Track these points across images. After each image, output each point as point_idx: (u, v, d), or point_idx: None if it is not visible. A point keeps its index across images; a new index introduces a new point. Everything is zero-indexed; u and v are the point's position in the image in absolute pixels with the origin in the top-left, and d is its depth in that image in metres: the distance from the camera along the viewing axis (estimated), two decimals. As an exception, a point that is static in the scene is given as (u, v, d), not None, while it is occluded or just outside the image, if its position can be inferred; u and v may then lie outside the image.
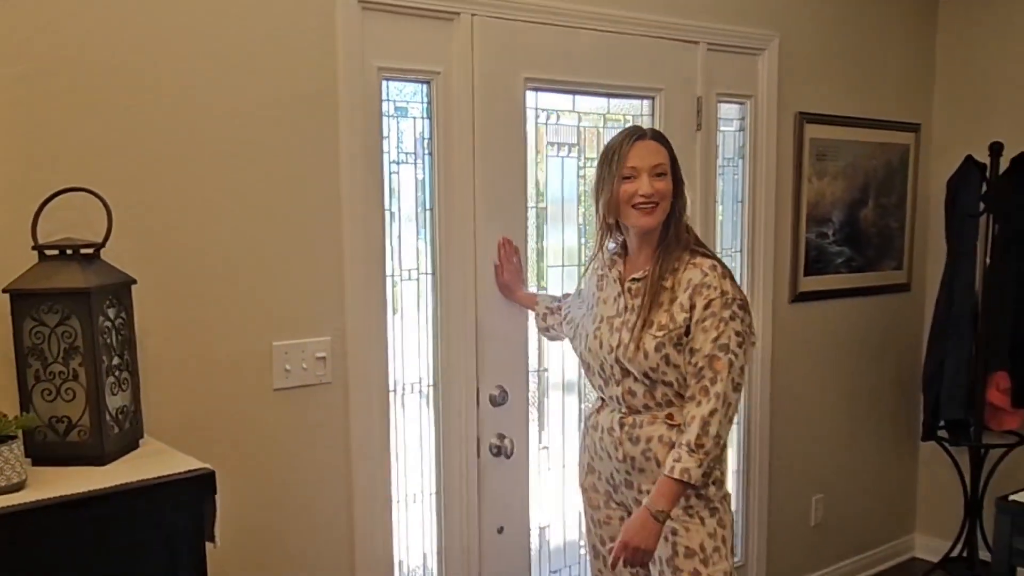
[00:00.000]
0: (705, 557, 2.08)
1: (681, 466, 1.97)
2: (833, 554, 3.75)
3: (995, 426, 3.62)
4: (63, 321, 1.68)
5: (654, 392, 2.12)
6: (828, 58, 3.47)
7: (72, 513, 1.51)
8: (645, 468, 2.13)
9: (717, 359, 2.02)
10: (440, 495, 2.60)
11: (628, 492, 2.19)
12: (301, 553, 2.32)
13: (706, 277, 2.07)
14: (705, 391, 2.01)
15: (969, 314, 3.54)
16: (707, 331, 2.03)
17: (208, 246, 2.13)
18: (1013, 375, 3.51)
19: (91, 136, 1.96)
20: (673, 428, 2.10)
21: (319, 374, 2.30)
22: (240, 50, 2.13)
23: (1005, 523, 2.92)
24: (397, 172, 2.48)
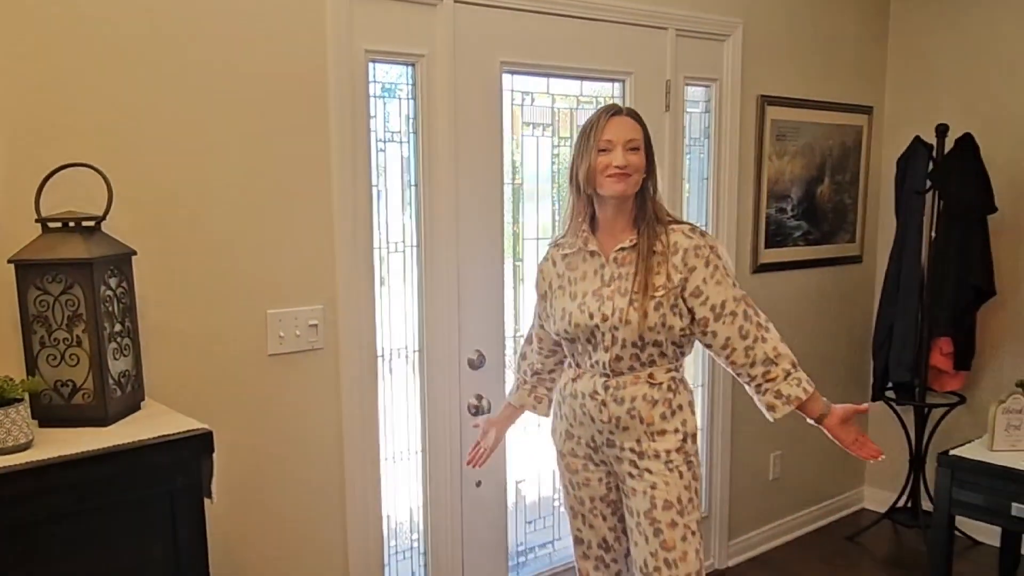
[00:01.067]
0: (681, 508, 2.07)
1: (806, 381, 2.05)
2: (790, 505, 3.80)
3: (938, 387, 3.66)
4: (66, 290, 1.67)
5: (640, 355, 2.09)
6: (788, 44, 3.46)
7: (77, 471, 1.50)
8: (629, 426, 2.10)
9: (746, 296, 2.08)
10: (425, 453, 2.61)
11: (610, 451, 2.16)
12: (295, 508, 2.32)
13: (693, 239, 2.07)
14: (760, 325, 2.05)
15: (916, 284, 3.57)
16: (721, 283, 2.06)
17: (205, 220, 2.11)
18: (955, 341, 3.55)
19: (92, 114, 1.93)
20: (654, 386, 2.09)
21: (311, 340, 2.30)
22: (234, 32, 2.10)
23: (945, 476, 2.97)
24: (384, 150, 2.46)
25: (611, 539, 2.27)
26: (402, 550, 2.64)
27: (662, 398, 2.10)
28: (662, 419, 2.09)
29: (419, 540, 2.66)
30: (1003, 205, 3.50)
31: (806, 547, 3.72)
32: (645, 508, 2.09)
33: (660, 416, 2.09)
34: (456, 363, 2.60)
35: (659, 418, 2.09)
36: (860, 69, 3.80)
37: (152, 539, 1.60)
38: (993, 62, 3.59)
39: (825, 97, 3.63)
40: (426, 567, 2.67)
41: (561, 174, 2.88)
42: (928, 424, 3.69)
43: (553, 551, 3.01)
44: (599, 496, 2.24)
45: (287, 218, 2.23)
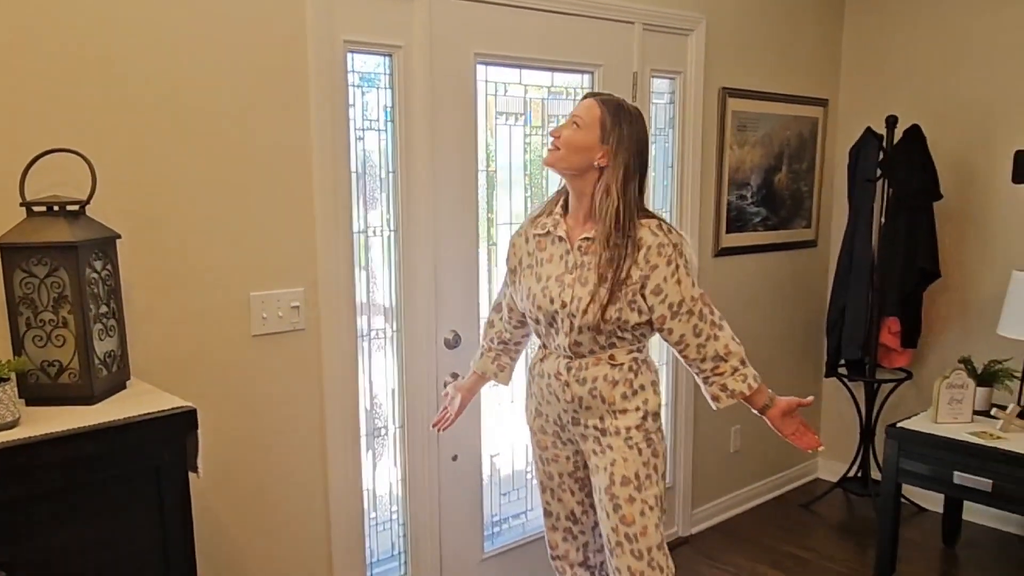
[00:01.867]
0: (639, 484, 2.05)
1: (752, 377, 2.06)
2: (749, 476, 3.84)
3: (887, 364, 3.71)
4: (52, 273, 1.63)
5: (598, 338, 2.05)
6: (749, 39, 3.47)
7: (63, 448, 1.47)
8: (592, 405, 2.08)
9: (703, 297, 2.05)
10: (404, 429, 2.60)
11: (575, 429, 2.14)
12: (278, 482, 2.30)
13: (657, 237, 2.00)
14: (714, 324, 2.05)
15: (866, 267, 3.61)
16: (681, 282, 2.01)
17: (189, 204, 2.07)
18: (902, 320, 3.59)
19: (77, 101, 1.88)
20: (615, 367, 2.07)
21: (293, 321, 2.27)
22: (218, 21, 2.06)
23: (893, 447, 3.02)
24: (363, 138, 2.42)
25: (579, 512, 2.27)
26: (382, 521, 2.63)
27: (623, 378, 2.07)
28: (623, 399, 2.07)
29: (398, 512, 2.65)
30: (948, 192, 3.54)
31: (764, 515, 3.76)
32: (605, 484, 2.08)
33: (621, 396, 2.07)
34: (433, 343, 2.59)
35: (619, 398, 2.07)
36: (816, 63, 3.82)
37: (138, 513, 1.57)
38: (940, 57, 3.62)
39: (783, 90, 3.64)
40: (405, 538, 2.66)
41: (533, 162, 2.86)
42: (877, 399, 3.74)
43: (526, 521, 3.02)
44: (567, 472, 2.23)
45: (269, 203, 2.19)
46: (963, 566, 3.27)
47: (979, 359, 3.32)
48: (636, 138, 2.04)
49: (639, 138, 2.06)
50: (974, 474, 2.82)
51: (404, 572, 2.67)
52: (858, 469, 3.85)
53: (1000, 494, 2.77)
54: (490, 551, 2.87)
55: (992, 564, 3.28)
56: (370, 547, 2.58)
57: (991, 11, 3.45)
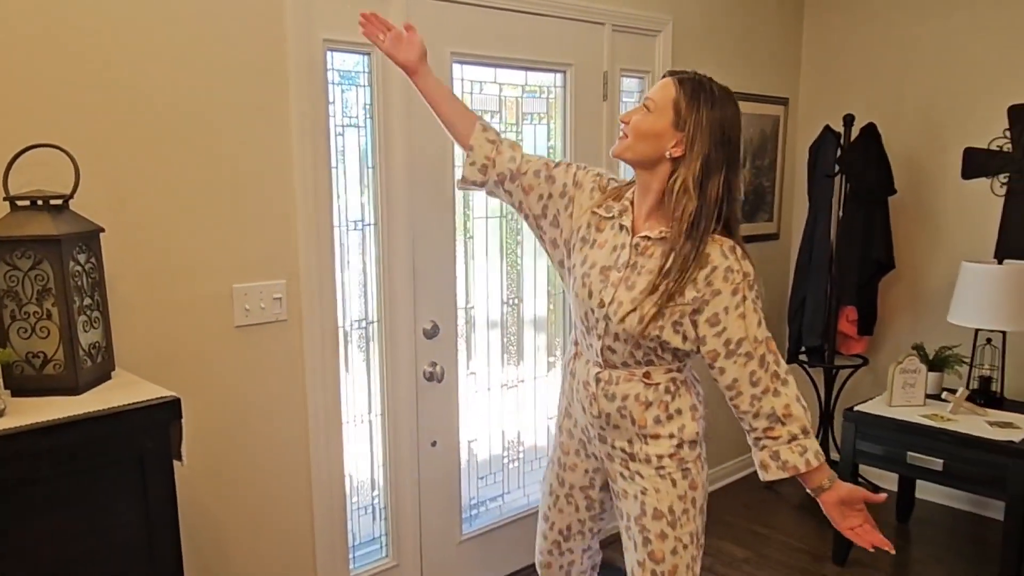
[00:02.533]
0: (673, 520, 1.77)
1: (813, 452, 1.67)
2: (715, 458, 3.85)
3: (845, 351, 3.75)
4: (35, 266, 1.59)
5: (635, 352, 1.74)
6: (714, 40, 3.47)
7: (49, 437, 1.44)
8: (620, 425, 1.79)
9: (771, 340, 1.71)
10: (384, 416, 2.58)
11: (601, 447, 1.87)
12: (262, 469, 2.28)
13: (728, 260, 1.67)
14: (777, 376, 1.68)
15: (825, 259, 3.64)
16: (745, 317, 1.67)
17: (173, 199, 2.03)
18: (859, 309, 3.63)
19: (60, 98, 1.84)
20: (650, 387, 1.76)
21: (275, 312, 2.24)
22: (199, 20, 2.02)
23: (850, 429, 3.06)
24: (342, 134, 2.40)
25: (574, 530, 2.04)
26: (363, 506, 2.61)
27: (657, 400, 1.76)
28: (656, 423, 1.77)
29: (379, 496, 2.64)
30: (901, 188, 3.58)
31: (731, 494, 3.79)
32: (636, 513, 1.80)
33: (654, 419, 1.77)
34: (412, 333, 2.57)
35: (652, 421, 1.77)
36: (777, 64, 3.84)
37: (124, 500, 1.54)
38: (894, 60, 3.66)
39: (746, 89, 3.65)
40: (386, 521, 2.65)
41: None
42: (836, 384, 3.78)
43: (503, 503, 3.01)
44: (580, 486, 1.99)
45: (251, 198, 2.16)
46: (915, 541, 3.32)
47: (930, 346, 3.37)
48: (722, 124, 1.66)
49: (726, 124, 1.66)
50: (926, 454, 2.86)
51: (385, 555, 2.66)
52: (817, 451, 3.88)
53: (950, 473, 2.82)
54: (468, 533, 2.87)
55: (942, 539, 3.34)
56: (352, 531, 2.56)
57: (941, 16, 3.49)
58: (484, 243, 2.81)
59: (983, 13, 3.37)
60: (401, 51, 1.99)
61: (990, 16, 3.35)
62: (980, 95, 3.40)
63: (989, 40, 3.36)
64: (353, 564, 2.57)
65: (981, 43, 3.38)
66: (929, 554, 3.20)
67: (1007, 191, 3.36)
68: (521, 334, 2.98)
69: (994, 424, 2.87)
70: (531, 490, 3.08)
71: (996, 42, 3.34)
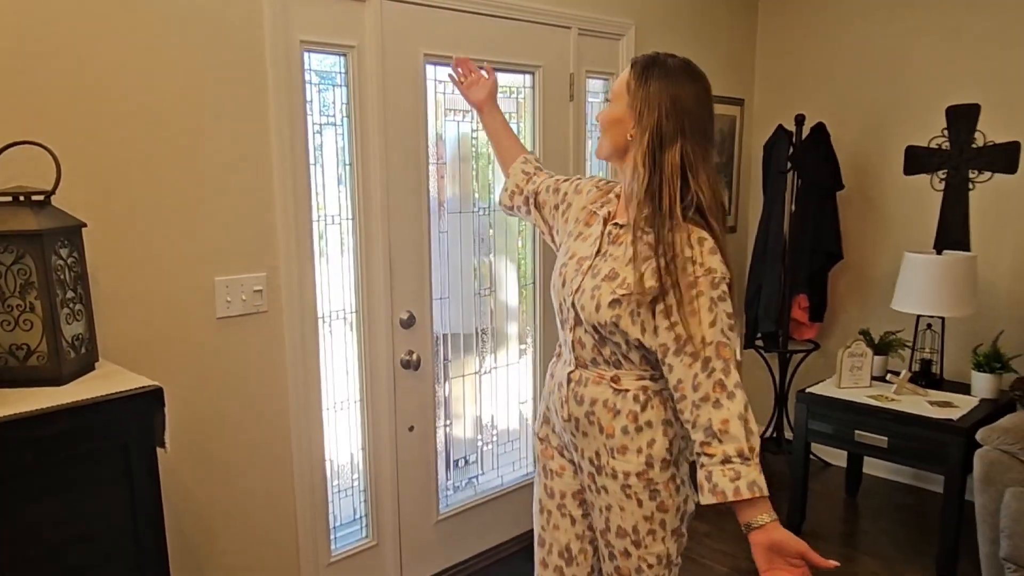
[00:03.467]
0: (638, 539, 1.61)
1: (747, 482, 1.41)
2: (676, 438, 3.89)
3: (797, 336, 3.79)
4: (18, 260, 1.54)
5: (602, 348, 1.59)
6: (674, 44, 3.47)
7: (33, 427, 1.40)
8: (588, 432, 1.63)
9: (724, 346, 1.45)
10: (363, 402, 2.55)
11: (575, 454, 1.70)
12: (244, 456, 2.24)
13: (691, 250, 1.46)
14: (722, 386, 1.44)
15: (779, 250, 3.67)
16: (697, 314, 1.45)
17: (154, 195, 1.98)
18: (810, 297, 3.67)
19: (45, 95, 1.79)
20: (619, 393, 1.59)
21: (256, 304, 2.20)
22: (179, 21, 1.97)
23: (802, 409, 3.09)
24: (320, 132, 2.36)
25: (575, 549, 1.75)
26: (344, 489, 2.59)
27: (626, 409, 1.58)
28: (623, 433, 1.58)
29: (359, 479, 2.61)
30: (849, 183, 3.62)
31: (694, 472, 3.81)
32: (601, 527, 1.67)
33: (621, 429, 1.58)
34: (389, 323, 2.54)
35: (620, 431, 1.59)
36: (734, 67, 3.85)
37: (109, 487, 1.50)
38: (841, 63, 3.69)
39: (705, 90, 3.66)
40: (366, 503, 2.63)
41: (480, 156, 2.83)
42: (789, 367, 3.82)
43: (476, 484, 3.00)
44: (571, 492, 1.75)
45: (232, 194, 2.12)
46: (863, 513, 3.38)
47: (876, 331, 3.42)
48: (672, 94, 1.49)
49: (680, 94, 1.49)
50: (872, 432, 2.90)
51: (366, 535, 2.64)
52: (773, 430, 3.93)
53: (894, 449, 2.86)
54: (444, 513, 2.85)
55: (887, 511, 3.39)
56: (333, 512, 2.53)
57: (885, 23, 3.52)
58: (458, 237, 2.79)
59: (924, 20, 3.41)
60: (473, 92, 2.13)
61: (930, 23, 3.39)
62: (921, 97, 3.45)
63: (929, 45, 3.41)
64: (334, 544, 2.54)
65: (922, 48, 3.43)
66: (876, 525, 3.25)
67: (945, 186, 3.41)
68: (494, 323, 2.96)
69: (934, 403, 2.92)
70: (504, 471, 3.08)
71: (936, 47, 3.39)
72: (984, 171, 3.31)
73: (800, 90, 3.83)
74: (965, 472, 2.72)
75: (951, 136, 3.38)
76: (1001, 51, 3.21)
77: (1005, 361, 2.99)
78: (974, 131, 3.32)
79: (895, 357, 3.35)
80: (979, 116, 3.30)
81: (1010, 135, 3.23)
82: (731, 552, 3.02)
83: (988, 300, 3.31)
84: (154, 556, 1.56)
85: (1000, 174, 3.27)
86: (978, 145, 3.31)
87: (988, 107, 3.27)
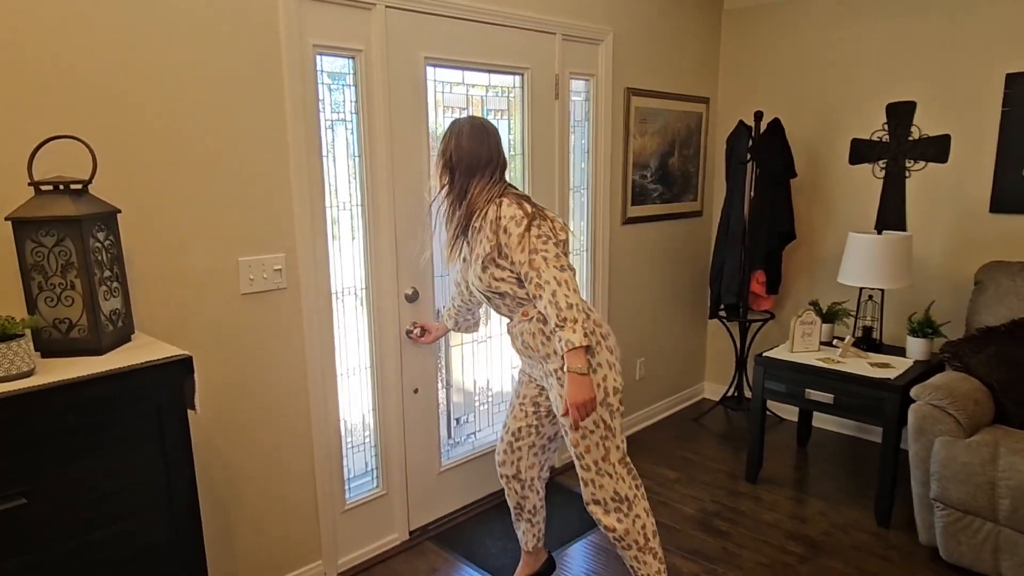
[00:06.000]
0: None
1: (564, 339, 1.78)
2: (651, 397, 3.89)
3: (755, 307, 3.78)
4: (59, 242, 1.50)
5: (502, 303, 2.00)
6: (648, 49, 3.41)
7: (75, 392, 1.37)
8: (529, 355, 2.04)
9: (532, 261, 1.84)
10: (373, 368, 2.52)
11: (530, 371, 2.14)
12: (267, 417, 2.21)
13: (499, 211, 1.89)
14: (539, 286, 1.83)
15: (739, 232, 3.64)
16: (515, 249, 1.86)
17: (183, 185, 1.93)
18: (767, 273, 3.65)
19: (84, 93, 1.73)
20: (529, 321, 1.98)
21: (276, 282, 2.16)
22: (204, 27, 1.91)
23: (759, 371, 3.07)
24: (332, 128, 2.30)
25: (523, 432, 2.22)
26: (356, 445, 2.57)
27: (537, 329, 1.97)
28: (542, 345, 1.98)
29: (370, 436, 2.59)
30: (801, 172, 3.59)
31: (664, 428, 3.82)
32: (555, 412, 2.05)
33: (541, 343, 1.98)
34: (395, 298, 2.51)
35: (540, 345, 1.98)
36: (700, 69, 3.80)
37: (143, 446, 1.48)
38: (795, 65, 3.64)
39: (675, 90, 3.62)
40: (376, 457, 2.61)
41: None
42: (749, 335, 3.81)
43: (475, 440, 2.99)
44: (530, 396, 2.20)
45: (254, 183, 2.07)
46: (812, 462, 3.39)
47: (824, 301, 3.40)
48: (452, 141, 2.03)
49: (455, 142, 2.02)
50: (820, 390, 2.90)
51: (376, 485, 2.63)
52: (734, 390, 3.93)
53: (839, 405, 2.86)
54: (446, 465, 2.84)
55: (833, 459, 3.41)
56: (347, 466, 2.52)
57: (831, 29, 3.47)
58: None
59: (867, 28, 3.36)
60: (428, 338, 2.52)
61: (873, 31, 3.34)
62: (864, 95, 3.41)
63: (872, 50, 3.36)
64: (349, 494, 2.53)
65: (865, 52, 3.38)
66: (823, 471, 3.26)
67: (885, 174, 3.38)
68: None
69: (874, 365, 2.91)
70: (498, 428, 3.06)
71: (877, 52, 3.34)
72: (919, 161, 3.28)
73: (759, 90, 3.78)
74: (900, 424, 2.72)
75: (890, 130, 3.34)
76: (934, 55, 3.17)
77: (936, 327, 2.98)
78: (910, 125, 3.28)
79: (840, 324, 3.34)
80: (915, 112, 3.26)
81: (942, 129, 3.19)
82: (698, 496, 3.03)
83: (921, 274, 3.30)
84: (186, 505, 1.54)
85: (933, 163, 3.24)
86: (914, 138, 3.27)
87: (923, 104, 3.24)
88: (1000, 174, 3.04)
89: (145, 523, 1.49)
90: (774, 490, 3.08)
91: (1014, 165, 2.99)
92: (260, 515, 2.24)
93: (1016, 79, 2.95)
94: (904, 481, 3.09)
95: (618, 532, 2.00)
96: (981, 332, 2.69)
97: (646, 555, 2.02)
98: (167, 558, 1.53)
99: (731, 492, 3.06)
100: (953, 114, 3.15)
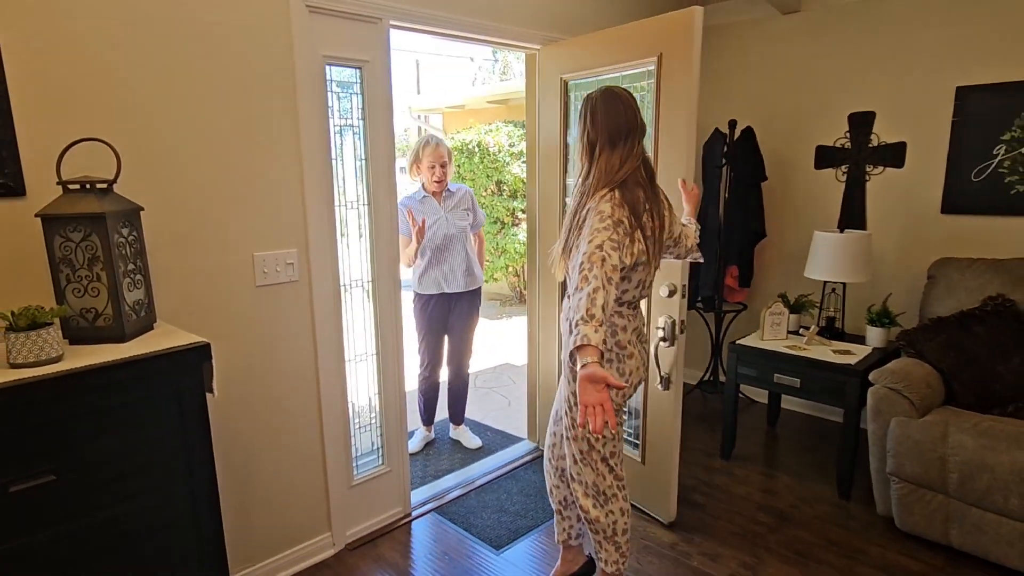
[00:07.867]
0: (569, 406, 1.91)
1: (581, 334, 1.56)
2: (631, 382, 3.88)
3: (730, 299, 3.77)
4: (86, 238, 1.48)
5: None
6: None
7: (101, 376, 1.35)
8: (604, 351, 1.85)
9: (592, 255, 1.64)
10: (378, 355, 2.51)
11: None
12: (281, 399, 2.19)
13: (599, 204, 1.74)
14: (586, 279, 1.62)
15: (715, 230, 3.64)
16: (584, 237, 1.70)
17: (203, 185, 1.91)
18: (740, 267, 3.64)
19: (111, 99, 1.70)
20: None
21: (289, 275, 2.14)
22: (222, 39, 1.88)
23: (733, 358, 3.07)
24: (340, 132, 2.28)
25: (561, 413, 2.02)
26: (363, 425, 2.55)
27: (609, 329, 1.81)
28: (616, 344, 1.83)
29: (375, 417, 2.58)
30: (771, 176, 3.58)
31: (642, 409, 3.81)
32: None
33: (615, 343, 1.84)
34: (399, 290, 2.49)
35: (615, 344, 1.84)
36: (678, 81, 3.77)
37: (164, 427, 1.46)
38: (766, 78, 3.63)
39: (655, 100, 3.59)
40: (381, 436, 2.59)
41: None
42: (723, 324, 3.81)
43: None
44: None
45: (268, 184, 2.05)
46: (781, 440, 3.39)
47: (792, 294, 3.40)
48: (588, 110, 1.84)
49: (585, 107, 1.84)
50: (787, 375, 2.89)
51: (381, 462, 2.61)
52: (710, 375, 3.93)
53: (805, 388, 2.86)
54: (446, 443, 2.83)
55: (800, 437, 3.41)
56: (354, 445, 2.50)
57: (801, 46, 3.46)
58: (454, 220, 2.72)
59: (832, 45, 3.35)
60: None
61: (837, 47, 3.33)
62: (828, 105, 3.40)
63: (836, 65, 3.35)
64: (356, 471, 2.51)
65: (830, 67, 3.37)
66: (790, 448, 3.27)
67: (847, 178, 3.38)
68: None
69: (837, 352, 2.92)
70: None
71: (840, 66, 3.33)
72: (878, 166, 3.27)
73: (733, 100, 3.77)
74: (860, 406, 2.72)
75: (852, 137, 3.33)
76: (892, 69, 3.17)
77: (893, 317, 2.99)
78: (870, 133, 3.28)
79: (806, 315, 3.34)
80: (874, 121, 3.26)
81: (899, 137, 3.19)
82: (675, 471, 3.02)
83: (880, 269, 3.30)
84: (205, 482, 1.52)
85: (891, 168, 3.24)
86: (873, 145, 3.27)
87: (882, 114, 3.23)
88: (951, 178, 3.04)
89: (166, 498, 1.47)
90: (746, 466, 3.08)
91: (963, 170, 2.99)
92: (273, 491, 2.22)
93: (965, 92, 2.95)
94: (863, 457, 3.10)
95: (591, 516, 1.95)
96: (933, 322, 2.70)
97: (609, 544, 1.96)
98: (187, 531, 1.51)
99: (707, 468, 3.06)
100: (909, 123, 3.15)
